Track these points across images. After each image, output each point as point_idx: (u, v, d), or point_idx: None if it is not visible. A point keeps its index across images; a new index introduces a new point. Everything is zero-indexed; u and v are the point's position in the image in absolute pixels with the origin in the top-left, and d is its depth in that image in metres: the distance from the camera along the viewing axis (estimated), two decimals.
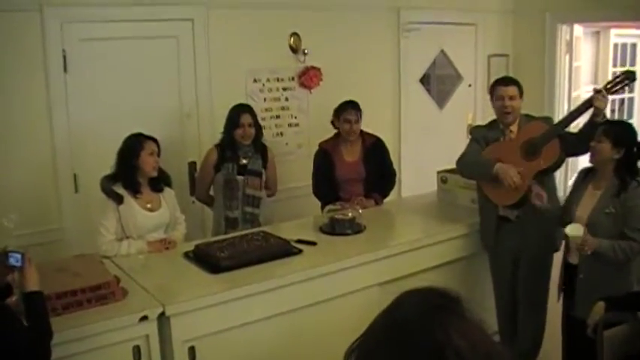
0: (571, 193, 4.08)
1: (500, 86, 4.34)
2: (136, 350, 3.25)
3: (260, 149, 4.89)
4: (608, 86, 4.10)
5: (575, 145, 4.11)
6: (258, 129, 4.89)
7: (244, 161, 4.81)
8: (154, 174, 4.18)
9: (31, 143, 4.72)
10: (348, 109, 5.04)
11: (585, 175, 3.97)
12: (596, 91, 4.06)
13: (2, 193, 4.54)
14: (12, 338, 2.49)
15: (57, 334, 2.74)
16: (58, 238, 4.78)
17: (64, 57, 4.77)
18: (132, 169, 4.10)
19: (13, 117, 4.62)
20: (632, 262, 3.73)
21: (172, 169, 4.78)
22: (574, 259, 3.89)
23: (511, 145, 4.25)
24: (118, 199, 4.04)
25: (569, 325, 3.99)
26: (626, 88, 4.21)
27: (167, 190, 4.34)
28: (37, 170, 4.76)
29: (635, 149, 3.75)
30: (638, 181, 3.71)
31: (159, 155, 4.20)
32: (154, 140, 4.19)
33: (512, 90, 4.28)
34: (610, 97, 4.14)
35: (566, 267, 4.00)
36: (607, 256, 3.65)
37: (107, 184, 4.09)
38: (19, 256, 2.69)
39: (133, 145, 4.12)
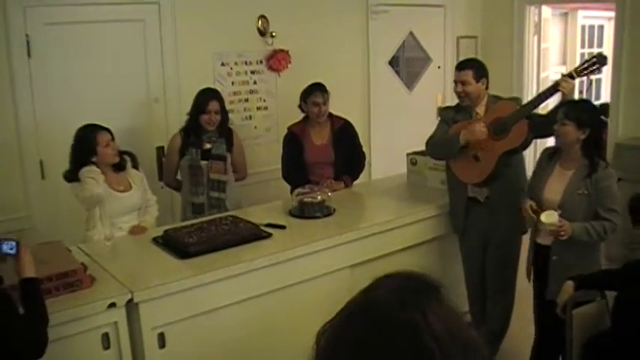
0: (535, 173, 4.06)
1: (456, 70, 4.39)
2: (105, 337, 3.22)
3: (225, 133, 4.84)
4: (579, 69, 4.10)
5: (542, 127, 4.11)
6: (225, 115, 4.84)
7: (208, 146, 4.76)
8: (116, 160, 4.15)
9: None
10: (315, 92, 5.01)
11: (551, 155, 3.96)
12: (566, 75, 4.07)
13: None
14: (10, 326, 2.47)
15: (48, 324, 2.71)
16: (26, 226, 4.72)
17: (28, 42, 4.69)
18: (91, 164, 4.04)
19: None
20: (600, 242, 3.77)
21: (140, 154, 4.73)
22: (545, 240, 3.90)
23: None
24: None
25: (540, 306, 4.01)
26: (596, 72, 4.22)
27: (134, 171, 4.31)
28: (1, 157, 4.69)
29: (599, 125, 3.78)
30: (605, 161, 3.74)
31: (113, 139, 4.13)
32: (105, 128, 4.10)
33: (464, 74, 4.29)
34: (577, 79, 4.16)
35: (537, 248, 4.01)
36: (582, 239, 3.66)
37: (70, 175, 4.06)
38: (13, 243, 2.67)
39: (87, 142, 4.04)
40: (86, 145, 4.03)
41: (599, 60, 4.08)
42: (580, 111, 3.75)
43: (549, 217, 3.67)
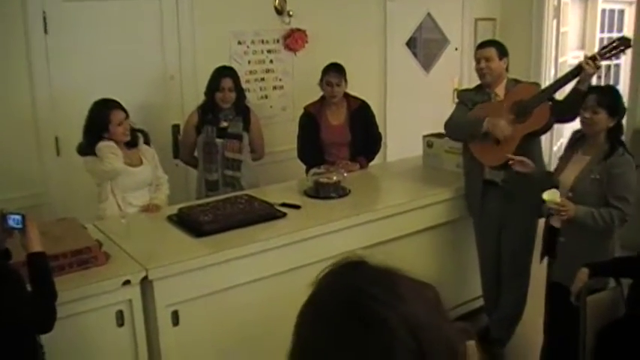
0: (561, 157, 4.03)
1: (478, 49, 4.36)
2: (119, 315, 3.24)
3: (242, 112, 4.83)
4: (603, 51, 4.02)
5: (560, 111, 4.08)
6: (240, 92, 4.82)
7: (225, 124, 4.75)
8: (127, 138, 4.14)
9: (12, 106, 4.66)
10: (330, 72, 5.00)
11: (577, 140, 3.90)
12: (589, 58, 4.01)
13: None
14: (19, 300, 2.48)
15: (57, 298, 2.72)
16: (42, 202, 4.72)
17: (45, 18, 4.68)
18: (103, 139, 4.05)
19: None
20: (615, 228, 3.72)
21: (155, 131, 4.74)
22: (556, 223, 3.87)
23: (500, 106, 4.22)
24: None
25: (552, 291, 3.99)
26: (620, 55, 4.15)
27: (146, 147, 4.31)
28: (18, 134, 4.69)
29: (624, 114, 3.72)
30: (625, 147, 3.68)
31: (127, 117, 4.13)
32: (119, 106, 4.09)
33: (487, 51, 4.27)
34: (601, 62, 4.09)
35: (549, 230, 3.98)
36: (586, 223, 3.62)
37: (83, 148, 4.06)
38: (18, 217, 2.66)
39: (100, 119, 4.04)
40: (99, 121, 4.04)
41: (624, 42, 4.00)
42: (612, 99, 3.67)
43: (550, 195, 3.63)
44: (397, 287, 1.05)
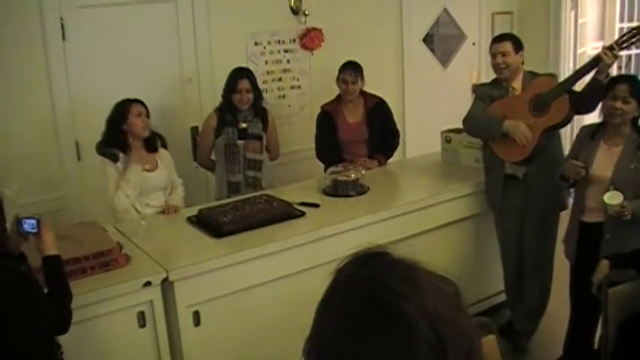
0: (573, 150, 3.97)
1: (494, 43, 4.32)
2: (141, 316, 3.26)
3: (260, 113, 4.85)
4: (621, 41, 3.97)
5: (578, 102, 4.04)
6: (258, 93, 4.83)
7: (244, 125, 4.76)
8: (146, 134, 4.19)
9: (32, 112, 4.71)
10: (346, 70, 5.01)
11: (594, 132, 3.85)
12: (607, 48, 3.97)
13: (5, 163, 4.53)
14: (37, 304, 2.49)
15: (72, 300, 2.74)
16: (62, 206, 4.77)
17: (62, 25, 4.73)
18: (122, 133, 4.12)
19: (13, 87, 4.59)
20: None
21: (174, 134, 4.77)
22: (592, 218, 3.80)
23: (519, 101, 4.20)
24: (114, 158, 4.08)
25: (577, 285, 3.96)
26: (638, 43, 4.10)
27: (163, 151, 4.36)
28: (38, 139, 4.74)
29: None
30: None
31: (148, 116, 4.20)
32: (140, 102, 4.19)
33: (504, 45, 4.23)
34: (620, 52, 4.05)
35: (583, 226, 3.90)
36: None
37: (102, 147, 4.13)
38: (33, 222, 2.68)
39: (120, 111, 4.14)
40: (119, 112, 4.13)
41: None
42: None
43: (614, 199, 3.55)
44: (418, 281, 1.06)
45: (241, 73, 4.78)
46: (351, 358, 1.01)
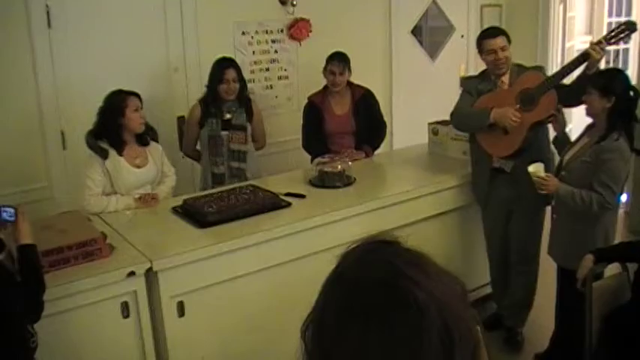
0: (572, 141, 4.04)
1: (489, 39, 4.25)
2: (124, 306, 3.25)
3: (244, 103, 4.82)
4: (609, 36, 4.00)
5: (567, 97, 4.05)
6: (243, 83, 4.80)
7: (228, 116, 4.74)
8: (142, 129, 4.13)
9: (17, 101, 4.66)
10: (332, 61, 4.98)
11: (590, 125, 3.91)
12: (595, 43, 3.98)
13: None
14: (9, 294, 2.48)
15: (45, 291, 2.72)
16: (47, 196, 4.75)
17: (48, 12, 4.68)
18: (118, 127, 4.03)
19: None
20: (605, 213, 3.70)
21: (161, 124, 4.73)
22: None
23: (506, 95, 4.19)
24: (104, 154, 3.99)
25: (562, 277, 3.98)
26: (626, 39, 4.12)
27: (154, 144, 4.29)
28: (23, 128, 4.70)
29: (628, 95, 3.68)
30: (623, 133, 3.64)
31: (142, 108, 4.13)
32: (137, 95, 4.11)
33: (501, 40, 4.21)
34: (607, 47, 4.07)
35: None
36: (566, 202, 3.67)
37: (92, 140, 4.03)
38: (12, 210, 2.68)
39: (117, 104, 4.02)
40: (115, 106, 4.02)
41: (629, 27, 3.99)
42: (605, 79, 3.68)
43: (535, 168, 3.74)
44: (430, 271, 1.07)
45: (227, 63, 4.75)
46: (357, 340, 1.01)
